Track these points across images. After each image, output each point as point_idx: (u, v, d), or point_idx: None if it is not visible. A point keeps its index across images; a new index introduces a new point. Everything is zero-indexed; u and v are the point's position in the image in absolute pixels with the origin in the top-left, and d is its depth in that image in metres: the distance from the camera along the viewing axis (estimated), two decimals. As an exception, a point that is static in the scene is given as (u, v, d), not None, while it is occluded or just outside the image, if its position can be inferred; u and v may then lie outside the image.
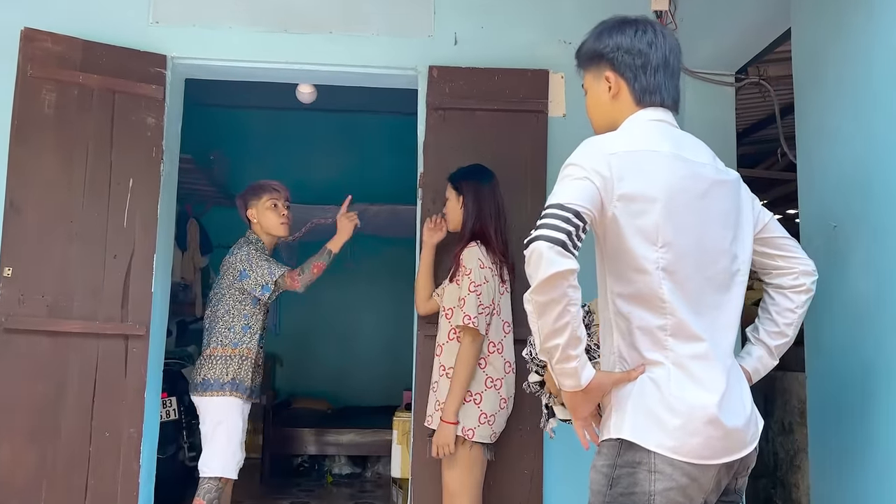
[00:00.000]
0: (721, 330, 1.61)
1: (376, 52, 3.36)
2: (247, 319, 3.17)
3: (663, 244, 1.54)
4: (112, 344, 3.01)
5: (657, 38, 1.68)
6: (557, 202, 1.47)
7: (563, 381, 1.51)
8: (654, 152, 1.59)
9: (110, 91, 3.10)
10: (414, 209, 6.17)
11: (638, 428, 1.52)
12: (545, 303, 1.42)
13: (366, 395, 7.03)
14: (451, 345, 2.71)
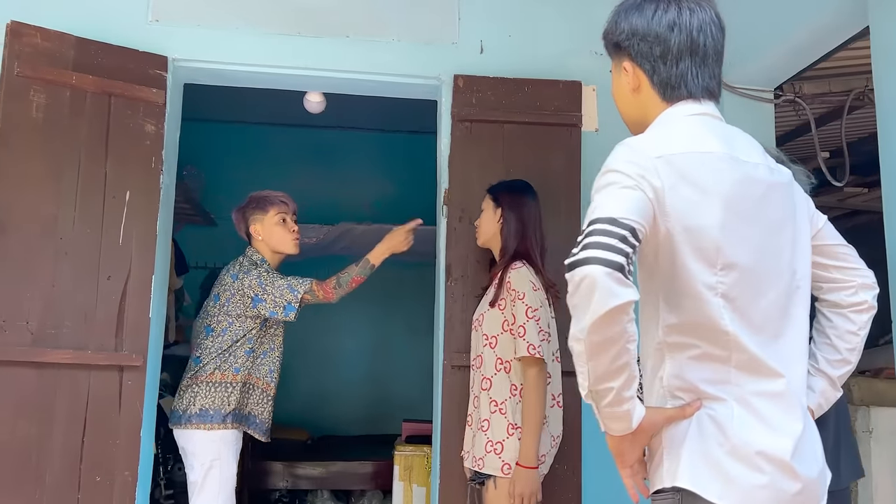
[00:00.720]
0: (793, 362, 1.36)
1: (396, 58, 3.12)
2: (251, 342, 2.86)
3: (723, 266, 1.29)
4: (105, 376, 2.67)
5: (681, 15, 1.40)
6: (608, 216, 1.20)
7: (610, 426, 1.26)
8: (706, 153, 1.33)
9: (106, 94, 2.79)
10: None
11: (697, 475, 1.27)
12: (600, 342, 1.17)
13: (346, 423, 6.69)
14: (500, 377, 2.46)
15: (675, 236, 1.28)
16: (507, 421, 2.40)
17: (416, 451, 4.05)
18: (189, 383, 2.83)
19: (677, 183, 1.28)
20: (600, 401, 1.23)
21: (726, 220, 1.30)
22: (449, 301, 2.93)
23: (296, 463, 5.53)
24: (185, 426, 2.78)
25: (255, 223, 2.97)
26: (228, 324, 2.85)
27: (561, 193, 3.02)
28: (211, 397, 2.78)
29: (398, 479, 4.04)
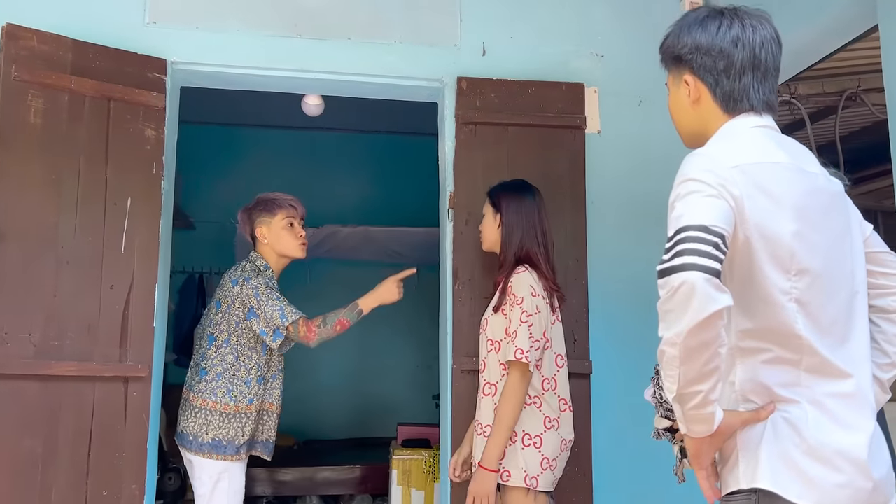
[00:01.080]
0: (860, 363, 1.40)
1: (398, 61, 3.10)
2: (261, 370, 2.78)
3: (797, 272, 1.34)
4: (110, 388, 2.61)
5: (745, 32, 1.45)
6: (699, 223, 1.23)
7: (694, 428, 1.29)
8: (775, 164, 1.38)
9: (105, 98, 2.72)
10: (388, 231, 5.98)
11: (777, 476, 1.30)
12: (696, 346, 1.20)
13: (332, 428, 6.64)
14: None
15: (754, 244, 1.31)
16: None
17: (415, 455, 4.03)
18: (199, 405, 2.72)
19: (753, 192, 1.31)
20: (687, 403, 1.25)
21: (798, 228, 1.34)
22: (457, 305, 2.92)
23: (282, 469, 5.45)
24: (196, 453, 2.70)
25: (261, 225, 2.88)
26: (229, 334, 2.77)
27: (566, 195, 3.03)
28: (225, 429, 2.69)
29: (396, 484, 4.01)
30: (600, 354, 2.92)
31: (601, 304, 3.00)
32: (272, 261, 2.90)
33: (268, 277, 2.84)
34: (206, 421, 2.70)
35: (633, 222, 3.11)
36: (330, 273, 6.32)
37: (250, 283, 2.76)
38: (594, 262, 3.02)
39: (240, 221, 2.96)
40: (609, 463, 2.90)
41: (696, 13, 1.52)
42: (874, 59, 3.20)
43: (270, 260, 2.89)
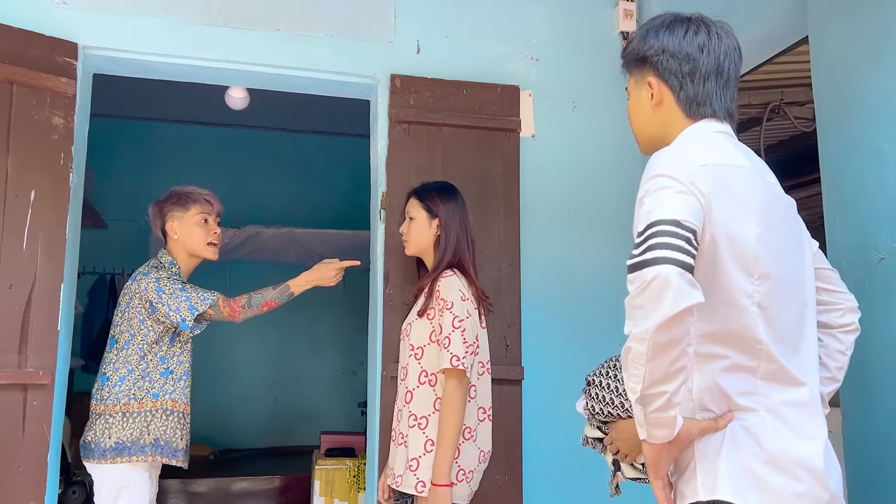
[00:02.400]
0: (811, 372, 1.40)
1: (329, 55, 2.98)
2: (166, 363, 2.57)
3: (759, 276, 1.33)
4: (7, 396, 2.39)
5: (710, 39, 1.46)
6: (671, 217, 1.22)
7: (655, 433, 1.26)
8: (741, 167, 1.38)
9: (7, 82, 2.50)
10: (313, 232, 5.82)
11: (738, 487, 1.27)
12: (665, 343, 1.17)
13: (250, 436, 6.42)
14: (423, 390, 2.33)
15: (719, 244, 1.29)
16: (426, 436, 2.28)
17: (338, 465, 3.90)
18: (101, 411, 2.49)
19: (720, 192, 1.30)
20: (649, 405, 1.22)
21: (762, 232, 1.33)
22: (387, 310, 2.82)
23: (196, 480, 5.22)
24: (99, 461, 2.46)
25: (172, 220, 2.66)
26: (131, 335, 2.54)
27: (500, 198, 2.98)
28: (129, 429, 2.47)
29: (318, 494, 3.87)
30: (532, 360, 2.87)
31: (534, 309, 2.95)
32: (181, 259, 2.68)
33: (171, 273, 2.61)
34: (108, 424, 2.47)
35: (567, 227, 3.09)
36: (251, 275, 6.09)
37: (149, 276, 2.54)
38: (527, 266, 2.97)
39: (150, 215, 2.73)
40: (539, 471, 2.85)
41: (661, 18, 1.51)
42: (797, 72, 3.29)
43: (180, 258, 2.67)
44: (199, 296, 2.53)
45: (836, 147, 2.25)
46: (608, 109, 3.12)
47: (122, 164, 6.22)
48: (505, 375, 2.82)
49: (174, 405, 2.57)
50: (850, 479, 2.06)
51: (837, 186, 2.24)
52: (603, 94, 3.16)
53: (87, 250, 6.12)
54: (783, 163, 3.96)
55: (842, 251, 2.19)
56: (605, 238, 3.07)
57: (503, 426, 2.75)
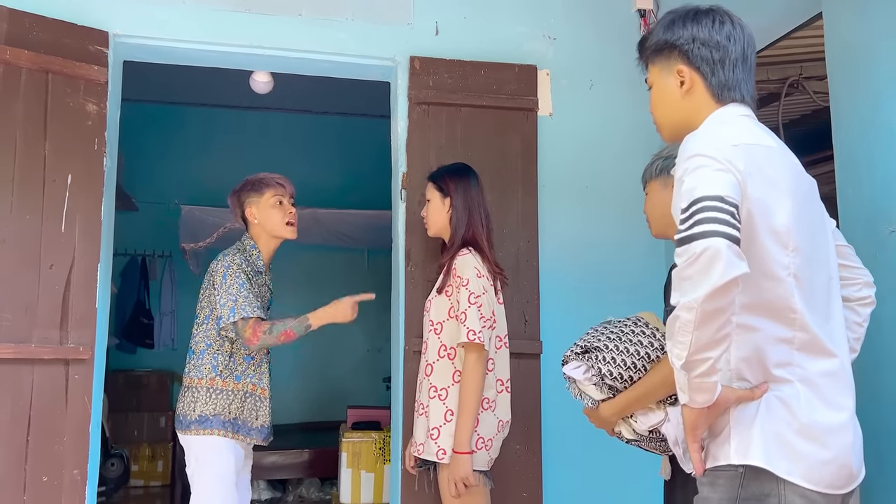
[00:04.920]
0: (841, 343, 1.48)
1: (350, 38, 3.05)
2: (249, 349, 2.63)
3: (794, 248, 1.40)
4: (49, 371, 2.52)
5: (735, 30, 1.54)
6: (715, 194, 1.29)
7: (696, 397, 1.34)
8: (769, 147, 1.46)
9: (43, 71, 2.61)
10: (336, 213, 5.91)
11: (769, 453, 1.35)
12: (713, 311, 1.24)
13: (281, 412, 6.55)
14: (443, 364, 2.44)
15: (756, 218, 1.36)
16: (446, 407, 2.39)
17: (364, 438, 4.02)
18: (187, 384, 2.60)
19: (753, 170, 1.37)
20: (694, 370, 1.29)
21: (792, 207, 1.40)
22: (409, 286, 2.91)
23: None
24: (186, 431, 2.56)
25: (250, 206, 2.75)
26: (210, 311, 2.64)
27: (518, 177, 3.04)
28: (211, 404, 2.57)
29: (346, 466, 4.00)
30: (550, 335, 2.94)
31: (552, 285, 3.02)
32: (262, 242, 2.76)
33: (252, 258, 2.70)
34: (194, 398, 2.57)
35: (584, 205, 3.15)
36: (279, 256, 6.23)
37: (226, 259, 2.63)
38: (545, 243, 3.04)
39: (230, 205, 2.82)
40: (559, 442, 2.94)
41: (682, 10, 1.58)
42: (815, 47, 3.28)
43: (261, 242, 2.75)
44: (244, 304, 2.56)
45: (848, 122, 2.28)
46: (626, 87, 3.15)
47: (150, 147, 6.35)
48: (524, 350, 2.90)
49: (254, 388, 2.68)
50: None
51: (850, 161, 2.27)
52: (620, 73, 3.18)
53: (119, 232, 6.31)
54: (803, 138, 3.96)
55: (854, 225, 2.23)
56: (622, 215, 3.12)
57: (522, 399, 2.84)
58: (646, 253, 3.07)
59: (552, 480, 2.93)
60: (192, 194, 5.96)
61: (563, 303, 3.01)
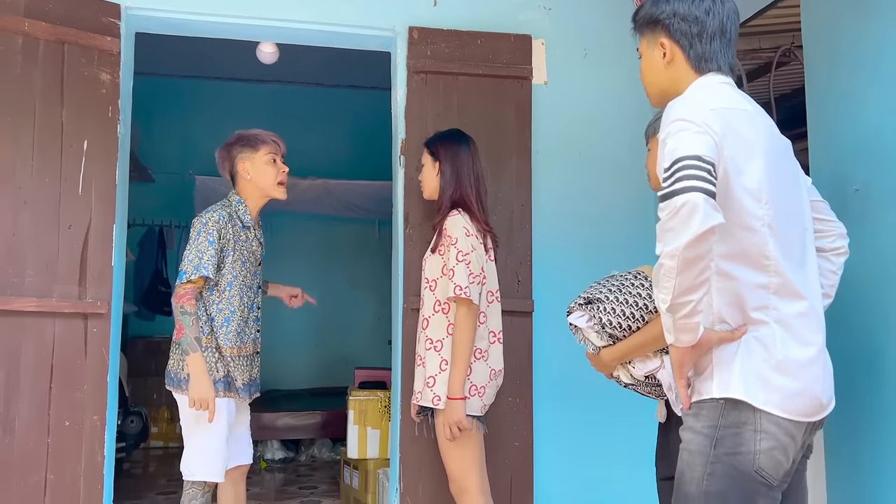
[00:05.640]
0: (813, 286, 1.63)
1: (351, 10, 3.17)
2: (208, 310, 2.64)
3: (767, 200, 1.54)
4: (70, 324, 2.71)
5: (715, 4, 1.67)
6: (693, 153, 1.43)
7: (681, 337, 1.49)
8: (745, 111, 1.59)
9: (59, 42, 2.76)
10: (347, 184, 6.06)
11: (747, 387, 1.51)
12: (693, 258, 1.39)
13: (294, 377, 6.79)
14: (437, 318, 2.59)
15: (731, 175, 1.51)
16: (440, 357, 2.55)
17: (370, 396, 4.18)
18: (176, 338, 2.63)
19: (728, 132, 1.51)
20: (678, 312, 1.44)
21: (765, 164, 1.54)
22: (408, 248, 3.05)
23: (246, 415, 5.60)
24: (176, 389, 2.64)
25: (243, 161, 2.75)
26: None
27: (512, 143, 3.16)
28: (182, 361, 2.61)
29: (353, 423, 4.16)
30: (542, 294, 3.08)
31: (545, 247, 3.15)
32: (252, 199, 2.78)
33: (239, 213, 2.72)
34: (182, 357, 2.63)
35: (577, 169, 3.26)
36: (292, 225, 6.41)
37: (206, 215, 2.65)
38: (539, 207, 3.17)
39: (218, 159, 2.83)
40: (548, 393, 3.10)
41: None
42: (807, 16, 3.36)
43: (250, 198, 2.77)
44: (203, 263, 2.56)
45: (820, 88, 2.39)
46: (618, 56, 3.25)
47: (166, 120, 6.51)
48: (517, 308, 3.05)
49: (239, 350, 2.70)
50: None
51: (821, 124, 2.38)
52: (613, 42, 3.28)
53: (137, 203, 6.52)
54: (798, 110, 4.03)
55: (824, 183, 2.32)
56: (613, 179, 3.24)
57: (515, 353, 2.99)
58: (635, 216, 3.20)
59: (542, 430, 3.08)
60: (206, 165, 6.11)
61: (554, 263, 3.14)
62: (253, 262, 2.78)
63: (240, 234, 2.72)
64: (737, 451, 1.49)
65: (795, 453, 1.54)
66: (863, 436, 2.14)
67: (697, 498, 1.50)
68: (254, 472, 5.46)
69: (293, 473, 5.50)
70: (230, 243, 2.68)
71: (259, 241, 2.84)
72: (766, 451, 1.49)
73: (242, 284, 2.72)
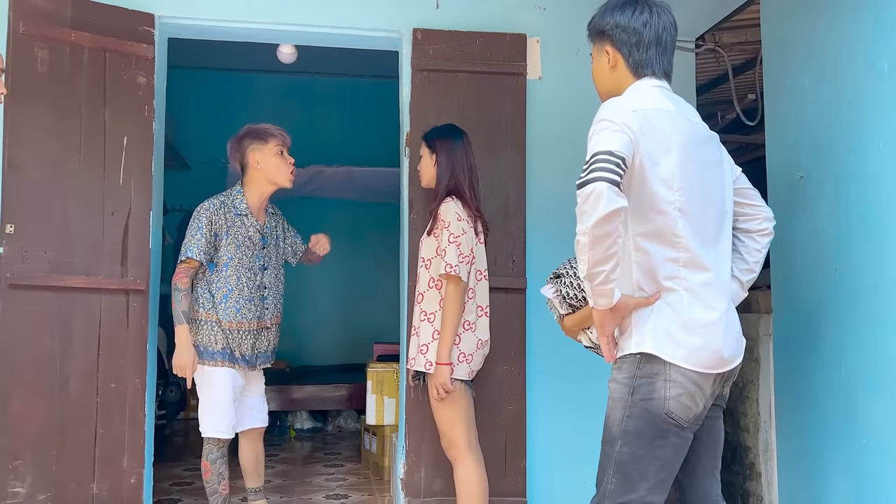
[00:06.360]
0: (723, 261, 1.91)
1: (360, 14, 3.48)
2: (209, 287, 2.99)
3: (678, 188, 1.81)
4: (114, 298, 3.09)
5: (652, 17, 1.94)
6: (607, 149, 1.70)
7: (599, 301, 1.76)
8: (666, 111, 1.87)
9: (101, 49, 3.12)
10: (369, 171, 6.38)
11: (658, 343, 1.80)
12: (601, 235, 1.66)
13: (322, 354, 7.20)
14: (431, 293, 2.88)
15: (646, 166, 1.79)
16: (433, 328, 2.84)
17: (387, 368, 4.54)
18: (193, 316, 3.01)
19: (647, 129, 1.79)
20: (594, 280, 1.72)
21: (679, 157, 1.82)
22: (412, 231, 3.37)
23: (275, 387, 6.00)
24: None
25: (253, 152, 3.04)
26: None
27: (509, 134, 3.45)
28: (201, 335, 2.96)
29: (371, 393, 4.53)
30: (535, 272, 3.38)
31: (538, 230, 3.45)
32: (260, 188, 3.07)
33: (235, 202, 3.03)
34: (196, 329, 3.00)
35: (568, 157, 3.51)
36: (318, 210, 6.76)
37: (200, 205, 3.03)
38: (532, 193, 3.46)
39: (229, 150, 3.16)
40: (540, 361, 3.41)
41: (616, 0, 1.99)
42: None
43: (259, 187, 3.06)
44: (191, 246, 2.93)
45: (774, 84, 2.64)
46: (607, 52, 3.50)
47: (200, 111, 6.89)
48: (511, 285, 3.35)
49: (240, 325, 3.00)
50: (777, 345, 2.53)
51: (774, 117, 2.63)
52: (603, 39, 3.53)
53: (174, 190, 6.93)
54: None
55: (776, 171, 2.60)
56: (602, 167, 3.50)
57: (509, 326, 3.31)
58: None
59: (534, 394, 3.40)
60: (238, 154, 6.50)
61: (546, 245, 3.43)
62: (250, 245, 3.04)
63: (234, 221, 3.02)
64: (650, 397, 1.79)
65: (705, 400, 1.83)
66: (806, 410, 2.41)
67: (619, 436, 1.81)
68: (284, 441, 5.89)
69: (320, 441, 5.90)
70: (223, 228, 3.01)
71: (259, 228, 3.08)
72: (674, 397, 1.78)
73: (239, 265, 3.02)
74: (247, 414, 3.15)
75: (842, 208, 2.24)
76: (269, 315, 3.11)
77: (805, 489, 2.42)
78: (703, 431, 1.89)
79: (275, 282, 3.16)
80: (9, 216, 2.92)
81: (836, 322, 2.26)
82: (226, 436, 3.03)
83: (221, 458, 3.04)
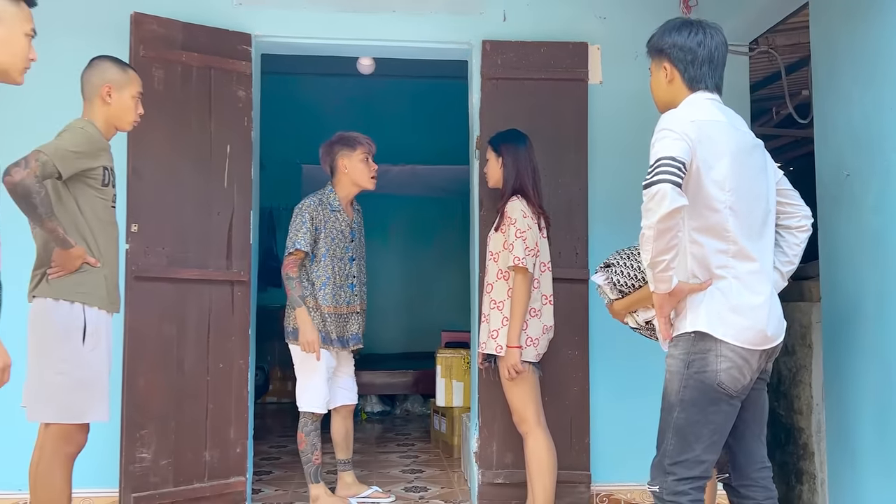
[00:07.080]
0: (766, 253, 2.18)
1: (434, 28, 3.80)
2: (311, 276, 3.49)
3: (729, 189, 2.08)
4: (221, 289, 3.49)
5: (706, 37, 2.20)
6: (670, 155, 1.98)
7: (660, 286, 2.04)
8: (718, 121, 2.13)
9: (207, 67, 3.51)
10: (432, 168, 6.69)
11: (711, 323, 2.07)
12: (664, 229, 1.94)
13: (389, 343, 7.59)
14: (500, 283, 3.17)
15: (702, 170, 2.06)
16: (502, 315, 3.13)
17: (455, 354, 4.87)
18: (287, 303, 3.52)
19: (703, 138, 2.07)
20: (656, 268, 2.01)
21: (730, 162, 2.09)
22: (482, 227, 3.67)
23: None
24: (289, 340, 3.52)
25: (343, 158, 3.54)
26: None
27: (571, 136, 3.73)
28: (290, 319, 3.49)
29: (440, 377, 4.87)
30: (597, 264, 3.61)
31: (600, 225, 3.72)
32: (346, 189, 3.59)
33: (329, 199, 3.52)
34: (289, 314, 3.52)
35: (629, 158, 3.79)
36: (385, 205, 7.12)
37: (304, 202, 3.51)
38: (594, 191, 3.73)
39: (321, 154, 3.62)
40: (603, 346, 3.69)
41: (673, 22, 2.28)
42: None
43: (345, 188, 3.58)
44: (300, 239, 3.42)
45: (822, 88, 2.86)
46: (664, 58, 3.75)
47: (276, 113, 7.27)
48: (575, 276, 3.64)
49: (320, 307, 3.52)
50: (826, 332, 2.76)
51: (822, 119, 2.85)
52: (660, 45, 3.77)
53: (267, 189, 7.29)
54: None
55: (825, 169, 2.83)
56: (659, 165, 3.75)
57: (573, 314, 3.59)
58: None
59: (597, 377, 3.68)
60: (312, 154, 6.89)
61: (607, 239, 3.68)
62: (342, 238, 3.52)
63: (329, 216, 3.50)
64: (704, 370, 2.07)
65: (751, 373, 2.10)
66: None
67: (676, 404, 2.09)
68: (356, 423, 6.26)
69: (390, 423, 6.28)
70: (321, 223, 3.48)
71: (349, 223, 3.54)
72: (725, 370, 2.05)
73: (334, 256, 3.51)
74: (339, 392, 3.55)
75: (885, 204, 2.47)
76: (357, 301, 3.52)
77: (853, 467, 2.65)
78: (749, 402, 2.16)
79: (361, 271, 3.55)
80: (133, 216, 3.34)
81: (878, 311, 2.48)
82: (320, 410, 3.43)
83: (315, 431, 3.45)
